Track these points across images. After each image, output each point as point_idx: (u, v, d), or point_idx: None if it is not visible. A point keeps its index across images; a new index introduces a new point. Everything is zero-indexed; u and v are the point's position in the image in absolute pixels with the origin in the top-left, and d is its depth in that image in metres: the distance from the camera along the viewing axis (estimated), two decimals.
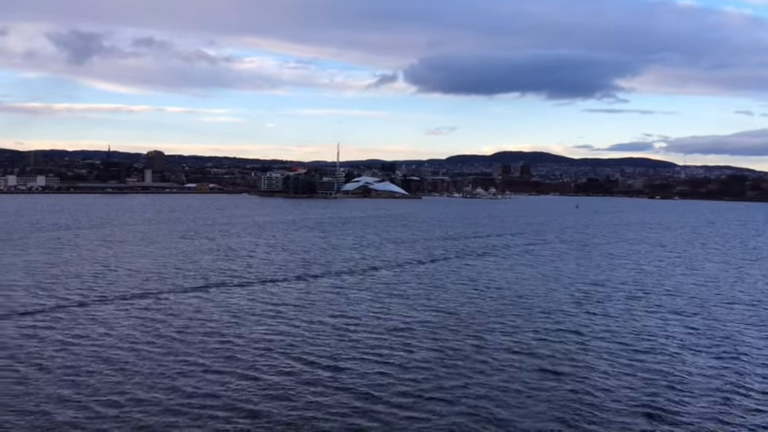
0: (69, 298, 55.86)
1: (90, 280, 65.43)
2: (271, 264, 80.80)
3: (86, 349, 40.07)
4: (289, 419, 29.59)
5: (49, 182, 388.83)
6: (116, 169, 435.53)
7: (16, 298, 55.22)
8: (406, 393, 33.32)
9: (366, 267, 79.82)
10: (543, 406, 31.94)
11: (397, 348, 41.67)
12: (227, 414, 30.08)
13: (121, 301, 55.06)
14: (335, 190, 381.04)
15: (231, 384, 34.16)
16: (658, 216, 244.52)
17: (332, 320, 49.36)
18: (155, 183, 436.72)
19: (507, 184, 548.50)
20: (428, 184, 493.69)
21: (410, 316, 51.43)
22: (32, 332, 43.98)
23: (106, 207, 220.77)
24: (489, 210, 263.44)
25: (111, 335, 43.70)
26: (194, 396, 32.30)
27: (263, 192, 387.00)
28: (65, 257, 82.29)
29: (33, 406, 30.44)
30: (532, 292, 63.69)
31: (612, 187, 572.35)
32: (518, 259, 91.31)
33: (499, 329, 47.27)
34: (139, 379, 34.70)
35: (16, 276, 66.61)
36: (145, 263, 78.85)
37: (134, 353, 39.70)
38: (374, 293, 61.24)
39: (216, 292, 60.77)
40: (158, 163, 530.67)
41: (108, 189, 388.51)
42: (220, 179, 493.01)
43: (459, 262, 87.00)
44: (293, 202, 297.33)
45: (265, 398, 32.24)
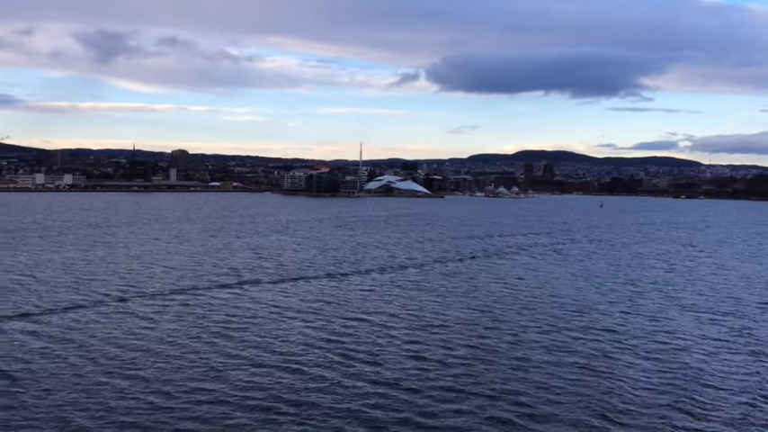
0: (110, 294, 57.29)
1: (128, 276, 66.92)
2: (302, 262, 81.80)
3: (133, 343, 41.27)
4: (335, 411, 30.41)
5: (75, 180, 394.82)
6: (142, 168, 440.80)
7: (60, 293, 56.77)
8: (448, 388, 33.99)
9: (396, 266, 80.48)
10: (582, 402, 32.40)
11: (434, 345, 42.31)
12: (275, 405, 31.01)
13: (161, 297, 56.35)
14: (358, 189, 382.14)
15: (276, 377, 35.07)
16: (685, 215, 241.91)
17: (368, 317, 50.12)
18: (179, 181, 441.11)
19: (530, 183, 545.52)
20: (450, 184, 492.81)
21: (445, 313, 52.01)
22: (79, 326, 45.35)
23: (134, 205, 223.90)
24: (513, 209, 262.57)
25: (156, 329, 44.91)
26: (242, 388, 33.26)
27: (286, 190, 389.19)
28: (101, 254, 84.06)
29: (91, 396, 31.58)
30: (564, 291, 63.89)
31: (637, 186, 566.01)
32: (547, 258, 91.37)
33: (534, 327, 47.68)
34: (188, 371, 35.77)
35: (57, 273, 68.35)
36: (179, 260, 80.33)
37: (179, 346, 40.83)
38: (407, 291, 61.93)
39: (251, 288, 61.85)
40: (183, 162, 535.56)
41: (134, 187, 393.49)
42: (243, 178, 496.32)
43: (488, 261, 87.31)
44: (316, 201, 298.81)
45: (310, 390, 33.09)
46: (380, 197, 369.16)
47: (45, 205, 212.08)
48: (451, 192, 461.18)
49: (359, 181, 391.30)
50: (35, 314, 48.63)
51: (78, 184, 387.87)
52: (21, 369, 35.46)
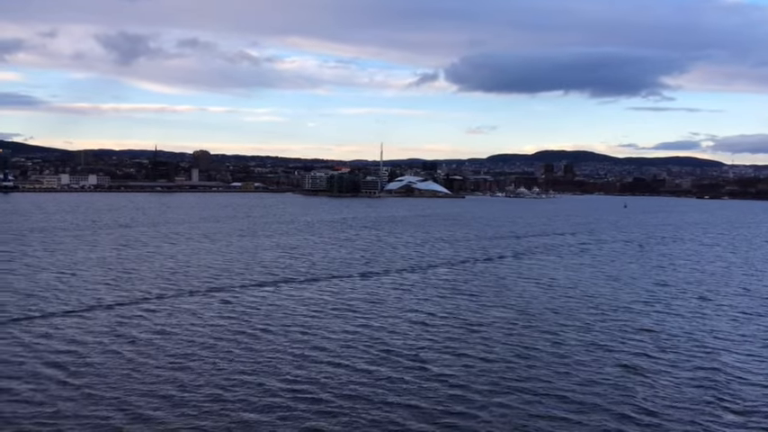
0: (150, 291, 58.50)
1: (165, 275, 68.17)
2: (333, 261, 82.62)
3: (182, 338, 42.31)
4: (384, 405, 30.97)
5: (100, 180, 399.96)
6: (164, 168, 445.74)
7: (101, 291, 58.05)
8: (493, 384, 34.48)
9: (426, 265, 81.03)
10: (626, 400, 32.70)
11: (475, 343, 42.80)
12: (326, 399, 31.68)
13: (200, 295, 57.46)
14: (379, 189, 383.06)
15: (324, 373, 35.78)
16: (710, 216, 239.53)
17: (406, 316, 50.73)
18: (201, 182, 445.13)
19: (550, 183, 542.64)
20: (470, 184, 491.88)
21: (481, 313, 52.45)
22: (125, 321, 46.56)
23: (159, 206, 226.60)
24: (535, 209, 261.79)
25: (199, 325, 45.91)
26: (291, 381, 34.10)
27: (307, 191, 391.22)
28: (136, 253, 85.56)
29: (149, 388, 32.52)
30: (598, 291, 64.01)
31: (659, 187, 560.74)
32: (577, 258, 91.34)
33: (571, 327, 47.95)
34: (237, 366, 36.63)
35: (97, 271, 69.79)
36: (212, 259, 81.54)
37: (225, 342, 41.78)
38: (440, 290, 62.44)
39: (286, 287, 62.74)
40: (204, 162, 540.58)
41: (157, 188, 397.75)
42: (264, 178, 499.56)
43: (517, 261, 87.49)
44: (338, 202, 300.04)
45: (359, 385, 33.73)
46: (401, 197, 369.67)
47: (73, 205, 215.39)
48: (472, 192, 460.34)
49: (380, 181, 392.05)
50: (80, 311, 49.86)
51: (103, 184, 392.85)
52: (79, 363, 36.53)
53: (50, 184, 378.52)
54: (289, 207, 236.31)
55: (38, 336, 42.33)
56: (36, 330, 43.57)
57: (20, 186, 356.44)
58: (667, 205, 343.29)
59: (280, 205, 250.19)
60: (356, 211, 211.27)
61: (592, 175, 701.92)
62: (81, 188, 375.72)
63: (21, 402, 30.58)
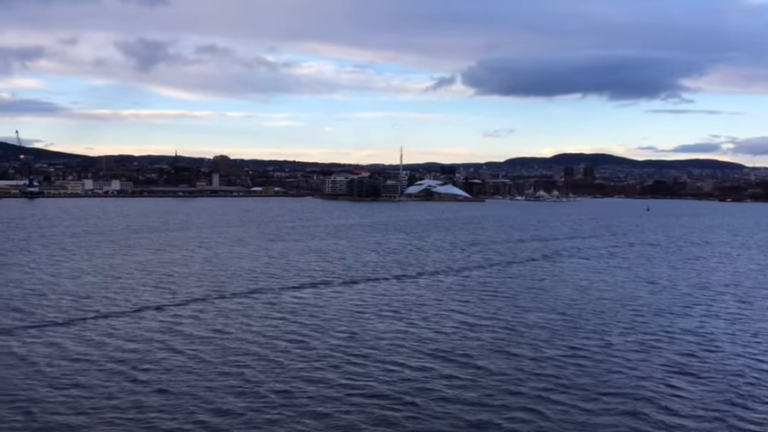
0: (194, 293, 59.77)
1: (204, 279, 69.42)
2: (366, 264, 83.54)
3: (234, 337, 43.47)
4: (438, 409, 31.55)
5: (123, 186, 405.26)
6: (186, 174, 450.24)
7: (149, 293, 59.43)
8: (547, 387, 34.95)
9: (458, 268, 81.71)
10: (682, 400, 33.08)
11: (521, 344, 43.39)
12: (383, 401, 32.34)
13: (242, 297, 58.61)
14: (399, 193, 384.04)
15: (380, 371, 36.59)
16: (735, 218, 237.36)
17: (449, 317, 51.44)
18: (222, 187, 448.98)
19: (570, 186, 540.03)
20: (489, 187, 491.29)
21: (522, 314, 52.99)
22: (178, 322, 47.77)
23: (184, 210, 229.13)
24: (557, 212, 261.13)
25: (249, 326, 46.99)
26: (350, 379, 34.86)
27: (327, 195, 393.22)
28: (172, 258, 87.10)
29: (211, 391, 33.54)
30: (635, 293, 64.25)
31: (680, 189, 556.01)
32: (608, 261, 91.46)
33: (615, 328, 48.35)
34: (296, 363, 37.61)
35: (139, 275, 71.28)
36: (249, 263, 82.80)
37: (279, 341, 42.86)
38: (478, 293, 63.05)
39: (326, 289, 63.73)
40: (224, 167, 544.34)
41: (179, 193, 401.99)
42: (284, 183, 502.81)
43: (548, 263, 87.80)
44: (359, 206, 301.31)
45: (412, 389, 34.27)
46: (421, 201, 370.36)
47: (100, 210, 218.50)
48: (491, 195, 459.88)
49: (400, 185, 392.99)
50: (131, 312, 51.20)
51: (126, 189, 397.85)
52: (144, 360, 37.70)
53: (75, 189, 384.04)
54: (311, 211, 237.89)
55: (100, 334, 43.80)
56: (96, 329, 44.94)
57: (45, 192, 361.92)
58: (690, 208, 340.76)
59: (302, 210, 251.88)
60: (379, 215, 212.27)
61: (611, 178, 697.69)
62: (105, 193, 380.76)
63: (97, 398, 31.70)
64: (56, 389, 33.04)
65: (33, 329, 45.12)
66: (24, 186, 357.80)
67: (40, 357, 38.34)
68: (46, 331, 44.63)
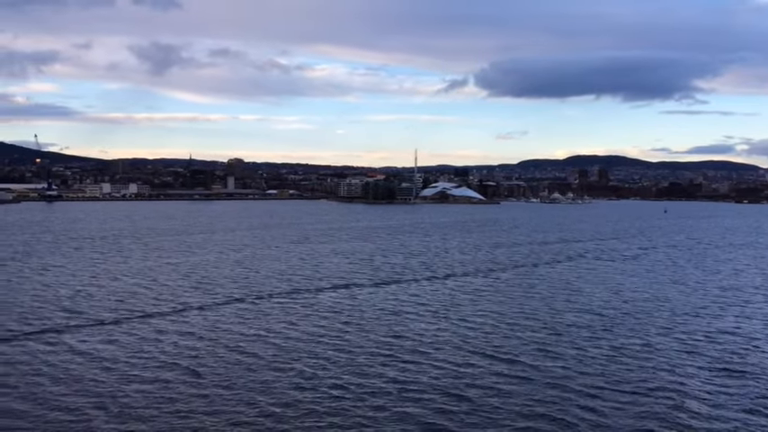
0: (232, 295, 60.95)
1: (240, 280, 70.70)
2: (394, 266, 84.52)
3: (281, 336, 44.56)
4: (493, 403, 32.44)
5: (140, 189, 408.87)
6: (202, 177, 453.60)
7: (187, 294, 60.78)
8: (596, 383, 35.77)
9: (486, 269, 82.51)
10: (734, 401, 33.61)
11: (563, 344, 44.12)
12: (436, 396, 33.31)
13: (279, 299, 59.72)
14: (414, 195, 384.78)
15: (426, 372, 37.34)
16: (755, 220, 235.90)
17: (486, 317, 52.24)
18: (237, 189, 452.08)
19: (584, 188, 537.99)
20: (504, 190, 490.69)
21: (558, 316, 53.69)
22: (219, 326, 48.64)
23: (205, 214, 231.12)
24: (574, 214, 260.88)
25: (292, 326, 48.11)
26: (399, 381, 35.71)
27: (342, 198, 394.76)
28: (205, 260, 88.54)
29: (265, 386, 34.67)
30: (667, 295, 64.77)
31: (696, 191, 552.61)
32: (635, 263, 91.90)
33: (653, 330, 48.91)
34: (341, 366, 38.44)
35: (174, 276, 72.71)
36: (279, 265, 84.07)
37: (324, 340, 43.88)
38: (509, 294, 63.77)
39: (359, 291, 64.73)
40: (238, 170, 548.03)
41: (195, 196, 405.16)
42: (298, 185, 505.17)
43: (575, 265, 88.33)
44: (376, 208, 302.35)
45: (464, 385, 35.16)
46: (436, 204, 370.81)
47: (121, 213, 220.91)
48: (505, 198, 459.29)
49: (414, 188, 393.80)
50: (174, 312, 52.46)
51: (143, 192, 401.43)
52: (197, 358, 38.89)
53: (93, 192, 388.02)
54: (329, 214, 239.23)
55: (152, 333, 45.17)
56: (147, 328, 46.25)
57: (63, 195, 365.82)
58: (707, 210, 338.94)
59: (319, 212, 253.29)
60: (397, 218, 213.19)
61: (626, 180, 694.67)
62: (122, 197, 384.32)
63: (165, 392, 32.88)
64: (126, 383, 34.27)
65: (87, 328, 46.53)
66: (43, 190, 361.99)
67: (102, 354, 39.67)
68: (99, 330, 46.01)
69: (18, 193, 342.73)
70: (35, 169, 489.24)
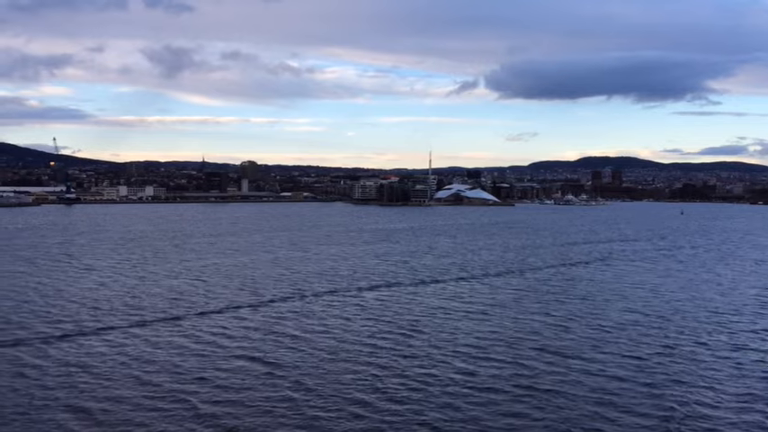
0: (278, 295, 62.41)
1: (281, 280, 72.17)
2: (428, 267, 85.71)
3: (334, 339, 45.58)
4: (560, 400, 33.60)
5: (156, 192, 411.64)
6: (217, 179, 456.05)
7: (235, 294, 62.28)
8: (657, 383, 36.81)
9: (519, 270, 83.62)
10: None
11: (616, 343, 45.13)
12: (501, 392, 34.53)
13: (325, 298, 61.11)
14: (429, 197, 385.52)
15: (489, 369, 38.54)
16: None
17: (533, 317, 53.40)
18: (252, 192, 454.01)
19: (597, 190, 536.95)
20: (517, 191, 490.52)
21: (604, 315, 54.66)
22: (274, 324, 49.95)
23: (225, 216, 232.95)
24: (591, 216, 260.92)
25: (343, 325, 49.40)
26: (466, 377, 37.00)
27: (356, 200, 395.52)
28: (241, 261, 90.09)
29: (338, 382, 36.00)
30: (705, 295, 65.70)
31: (710, 193, 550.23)
32: (665, 264, 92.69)
33: (701, 329, 49.90)
34: (404, 362, 39.74)
35: (216, 277, 74.24)
36: (315, 266, 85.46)
37: (378, 342, 44.88)
38: (549, 294, 64.74)
39: (401, 291, 65.99)
40: (252, 172, 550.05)
41: (210, 198, 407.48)
42: (312, 188, 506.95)
43: (606, 266, 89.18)
44: (391, 210, 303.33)
45: (528, 381, 36.33)
46: (450, 206, 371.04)
47: (141, 216, 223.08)
48: (519, 200, 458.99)
49: (429, 190, 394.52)
50: (229, 309, 54.06)
51: (159, 195, 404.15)
52: (263, 354, 40.30)
53: (110, 195, 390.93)
54: (347, 216, 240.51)
55: (211, 330, 46.99)
56: (205, 325, 47.93)
57: (81, 198, 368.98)
58: (723, 211, 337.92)
59: (337, 215, 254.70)
60: (416, 220, 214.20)
61: (638, 182, 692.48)
62: (139, 199, 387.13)
63: (243, 389, 34.29)
64: (202, 378, 35.75)
65: (153, 324, 48.15)
66: (62, 193, 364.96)
67: (177, 347, 41.29)
68: (164, 325, 47.61)
69: (37, 196, 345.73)
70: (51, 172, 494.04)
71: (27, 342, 43.16)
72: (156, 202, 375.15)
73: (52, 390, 33.89)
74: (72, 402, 32.15)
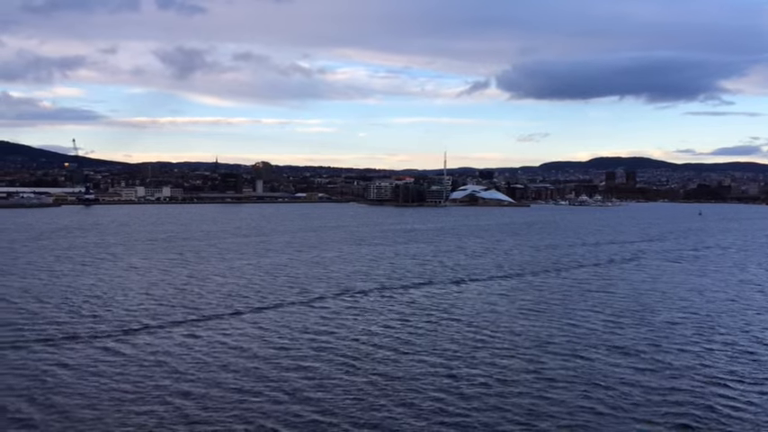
0: (329, 293, 63.80)
1: (327, 279, 73.62)
2: (465, 266, 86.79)
3: (399, 335, 46.97)
4: (636, 395, 34.82)
5: (173, 193, 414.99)
6: (233, 180, 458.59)
7: (286, 293, 63.71)
8: (722, 379, 37.88)
9: (555, 269, 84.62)
10: None
11: (672, 340, 46.16)
12: (573, 388, 35.74)
13: (375, 296, 62.44)
14: (444, 198, 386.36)
15: (557, 366, 39.72)
16: None
17: (588, 314, 54.44)
18: (267, 193, 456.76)
19: (611, 190, 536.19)
20: (531, 192, 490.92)
21: (656, 314, 55.56)
22: (339, 319, 51.52)
23: (243, 216, 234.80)
24: (608, 216, 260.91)
25: (405, 322, 50.53)
26: (530, 371, 38.21)
27: (372, 200, 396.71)
28: (279, 260, 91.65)
29: (414, 377, 37.27)
30: (747, 295, 66.62)
31: (725, 193, 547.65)
32: (698, 264, 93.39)
33: (755, 327, 50.86)
34: (474, 358, 41.01)
35: (261, 276, 75.78)
36: (355, 265, 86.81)
37: (441, 338, 46.04)
38: (593, 293, 65.63)
39: (445, 288, 67.37)
40: (266, 173, 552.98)
41: (227, 199, 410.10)
42: (326, 188, 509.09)
43: (639, 265, 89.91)
44: (408, 211, 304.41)
45: (601, 378, 37.55)
46: (466, 206, 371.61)
47: (163, 217, 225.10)
48: (533, 200, 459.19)
49: (444, 191, 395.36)
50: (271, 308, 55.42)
51: (176, 196, 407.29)
52: (334, 349, 41.67)
53: (128, 196, 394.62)
54: (366, 217, 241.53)
55: (276, 325, 48.48)
56: (266, 320, 49.41)
57: (99, 199, 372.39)
58: (740, 212, 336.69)
59: (355, 215, 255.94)
60: (437, 221, 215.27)
61: (651, 182, 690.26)
62: (156, 200, 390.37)
63: (323, 386, 35.63)
64: (301, 368, 37.11)
65: (213, 320, 49.73)
66: (81, 194, 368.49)
67: (243, 341, 42.72)
68: (222, 322, 49.17)
69: (56, 197, 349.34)
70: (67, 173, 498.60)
71: (109, 335, 44.70)
72: (173, 203, 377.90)
73: (150, 378, 35.42)
74: (177, 388, 33.90)
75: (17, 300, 58.13)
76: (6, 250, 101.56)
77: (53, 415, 30.46)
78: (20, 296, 59.87)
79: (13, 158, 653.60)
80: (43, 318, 50.61)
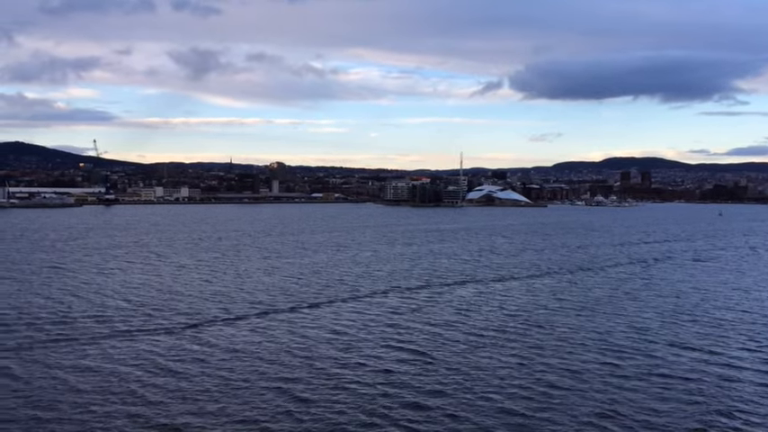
0: (379, 290, 65.29)
1: (371, 277, 75.18)
2: (501, 265, 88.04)
3: (447, 333, 48.14)
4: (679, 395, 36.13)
5: (191, 193, 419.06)
6: (250, 181, 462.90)
7: (337, 290, 65.20)
8: None
9: (592, 267, 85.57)
10: None
11: (725, 341, 47.15)
12: (640, 383, 37.06)
13: (423, 293, 63.74)
14: (461, 198, 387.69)
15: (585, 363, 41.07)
16: None
17: (638, 313, 55.47)
18: (283, 193, 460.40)
19: (626, 191, 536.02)
20: (547, 192, 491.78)
21: (706, 313, 56.21)
22: (396, 315, 52.77)
23: (265, 217, 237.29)
24: (627, 217, 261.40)
25: (462, 318, 51.74)
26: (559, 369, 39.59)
27: (388, 201, 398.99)
28: (320, 259, 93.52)
29: (464, 374, 38.86)
30: None
31: (741, 194, 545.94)
32: (733, 264, 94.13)
33: None
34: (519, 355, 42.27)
35: (308, 274, 77.49)
36: (395, 264, 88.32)
37: (501, 334, 47.17)
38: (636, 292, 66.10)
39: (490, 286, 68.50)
40: (281, 174, 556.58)
41: (244, 199, 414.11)
42: (341, 189, 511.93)
43: (673, 265, 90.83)
44: (426, 211, 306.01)
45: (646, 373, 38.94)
46: (482, 207, 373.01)
47: (186, 217, 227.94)
48: (549, 201, 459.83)
49: (461, 191, 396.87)
50: (335, 302, 56.77)
51: (194, 196, 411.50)
52: (409, 345, 43.30)
53: (147, 196, 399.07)
54: (387, 217, 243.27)
55: (336, 319, 50.27)
56: (326, 315, 50.98)
57: (119, 199, 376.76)
58: (759, 213, 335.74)
59: (375, 215, 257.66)
60: (458, 221, 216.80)
61: (666, 183, 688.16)
62: (175, 200, 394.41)
63: (373, 371, 37.25)
64: (360, 364, 38.79)
65: (272, 315, 51.33)
66: (101, 194, 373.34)
67: (319, 335, 44.37)
68: (284, 316, 50.78)
69: (77, 197, 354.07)
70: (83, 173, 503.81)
71: (172, 330, 46.50)
72: (191, 203, 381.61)
73: (229, 369, 37.08)
74: (278, 373, 35.49)
75: (90, 295, 60.32)
76: (52, 249, 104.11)
77: (168, 397, 32.18)
78: (84, 293, 61.77)
79: (29, 159, 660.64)
80: (122, 311, 52.52)
